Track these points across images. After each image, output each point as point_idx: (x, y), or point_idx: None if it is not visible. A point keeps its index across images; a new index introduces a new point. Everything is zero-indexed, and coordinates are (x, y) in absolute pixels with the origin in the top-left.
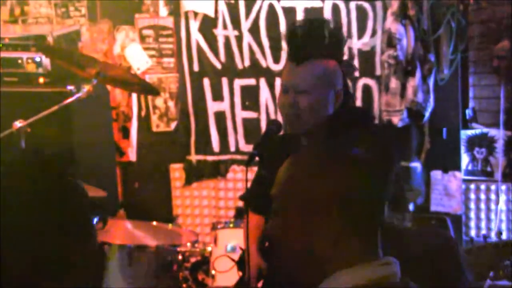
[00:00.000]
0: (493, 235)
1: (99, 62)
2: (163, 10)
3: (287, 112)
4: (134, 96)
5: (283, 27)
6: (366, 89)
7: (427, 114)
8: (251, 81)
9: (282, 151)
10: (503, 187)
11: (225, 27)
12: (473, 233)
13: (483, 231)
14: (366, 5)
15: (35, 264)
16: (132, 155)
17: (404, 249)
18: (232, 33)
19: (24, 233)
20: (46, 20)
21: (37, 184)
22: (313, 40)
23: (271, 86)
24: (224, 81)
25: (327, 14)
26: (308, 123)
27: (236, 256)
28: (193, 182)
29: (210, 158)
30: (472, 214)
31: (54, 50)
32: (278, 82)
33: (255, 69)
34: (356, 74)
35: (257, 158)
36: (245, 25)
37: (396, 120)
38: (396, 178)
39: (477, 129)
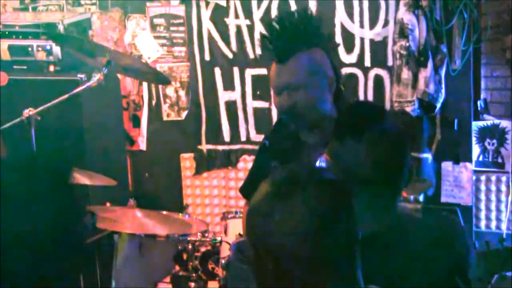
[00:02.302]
0: (503, 226)
1: (110, 51)
2: None
3: (286, 111)
4: (145, 85)
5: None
6: (378, 80)
7: (438, 105)
8: (263, 71)
9: (292, 144)
10: None
11: (236, 16)
12: (483, 224)
13: (493, 223)
14: None
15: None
16: (142, 144)
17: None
18: (243, 22)
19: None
20: (57, 8)
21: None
22: (291, 34)
23: None
24: (235, 70)
25: (339, 4)
26: (310, 117)
27: None
28: (203, 171)
29: (220, 147)
30: (483, 205)
31: (65, 38)
32: None
33: (267, 59)
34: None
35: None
36: (257, 14)
37: (408, 111)
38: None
39: (488, 121)
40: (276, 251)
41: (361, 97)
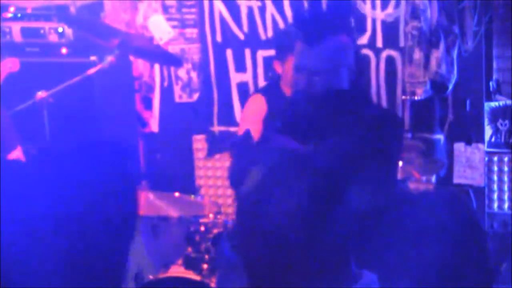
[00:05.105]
0: None
1: (122, 33)
2: None
3: (301, 92)
4: (157, 66)
5: None
6: (390, 61)
7: (450, 86)
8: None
9: (302, 124)
10: None
11: None
12: (495, 205)
13: (506, 204)
14: None
15: None
16: (154, 126)
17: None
18: (255, 3)
19: None
20: None
21: None
22: (322, 19)
23: None
24: (247, 52)
25: None
26: (323, 101)
27: None
28: (216, 153)
29: (233, 129)
30: (495, 187)
31: (77, 20)
32: None
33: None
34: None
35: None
36: None
37: (420, 92)
38: None
39: (500, 101)
40: (269, 236)
41: (373, 78)
